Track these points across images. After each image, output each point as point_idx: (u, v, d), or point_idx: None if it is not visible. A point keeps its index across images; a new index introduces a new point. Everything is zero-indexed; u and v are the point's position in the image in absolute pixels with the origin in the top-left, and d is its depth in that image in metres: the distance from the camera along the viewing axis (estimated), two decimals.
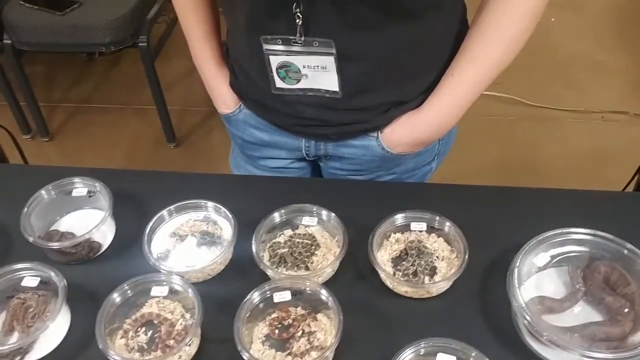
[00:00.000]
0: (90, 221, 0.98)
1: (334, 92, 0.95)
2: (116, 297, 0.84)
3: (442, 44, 0.96)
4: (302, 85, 0.96)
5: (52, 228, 1.01)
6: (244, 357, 0.77)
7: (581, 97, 2.64)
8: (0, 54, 2.38)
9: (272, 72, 0.96)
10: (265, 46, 0.92)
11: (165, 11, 2.43)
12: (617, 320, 0.79)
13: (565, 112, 2.58)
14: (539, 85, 2.67)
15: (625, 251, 0.82)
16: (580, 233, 0.85)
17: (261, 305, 0.84)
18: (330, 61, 0.91)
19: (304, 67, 0.93)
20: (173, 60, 2.85)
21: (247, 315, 0.82)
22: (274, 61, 0.94)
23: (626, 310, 0.79)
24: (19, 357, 0.84)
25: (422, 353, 0.76)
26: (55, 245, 0.94)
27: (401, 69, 0.95)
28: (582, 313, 0.82)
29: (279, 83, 0.97)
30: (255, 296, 0.83)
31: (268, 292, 0.84)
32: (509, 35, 0.91)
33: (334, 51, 0.89)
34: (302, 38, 0.88)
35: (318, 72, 0.93)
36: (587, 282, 0.83)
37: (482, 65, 0.93)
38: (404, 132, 1.00)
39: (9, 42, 2.29)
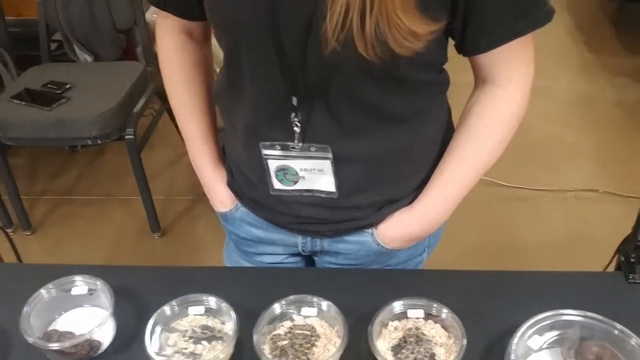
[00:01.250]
0: (90, 319, 0.99)
1: (330, 192, 0.99)
2: None
3: (431, 145, 1.02)
4: (299, 186, 1.00)
5: (50, 327, 1.01)
6: None
7: (554, 176, 2.74)
8: None
9: (270, 175, 1.00)
10: (264, 151, 0.97)
11: (151, 103, 2.50)
12: None
13: (539, 192, 2.67)
14: (512, 166, 2.77)
15: (616, 331, 0.85)
16: (570, 315, 0.88)
17: None
18: (326, 165, 0.95)
19: (301, 170, 0.97)
20: (156, 150, 2.92)
21: None
22: (272, 165, 0.98)
23: None
24: None
25: None
26: (55, 346, 0.94)
27: (394, 169, 1.00)
28: None
29: (277, 185, 1.01)
30: None
31: None
32: (495, 137, 0.97)
33: (330, 155, 0.94)
34: (300, 144, 0.93)
35: (315, 174, 0.97)
36: None
37: (470, 165, 0.99)
38: (398, 229, 1.04)
39: None
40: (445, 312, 0.93)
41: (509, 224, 2.53)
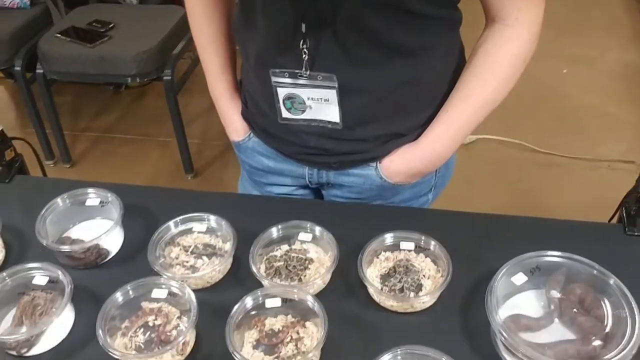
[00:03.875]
0: (100, 230, 1.05)
1: (335, 123, 1.02)
2: (118, 296, 0.90)
3: (440, 82, 1.03)
4: (306, 115, 1.03)
5: (64, 235, 1.08)
6: (235, 357, 0.82)
7: (589, 145, 2.69)
8: (32, 82, 2.52)
9: (279, 103, 1.03)
10: (274, 79, 1.00)
11: (190, 48, 2.55)
12: (588, 339, 0.83)
13: (572, 160, 2.63)
14: (547, 132, 2.73)
15: (595, 272, 0.87)
16: (555, 256, 0.89)
17: (253, 311, 0.89)
18: (332, 94, 0.98)
19: (308, 99, 1.00)
20: (195, 96, 2.98)
21: (240, 318, 0.87)
22: (281, 93, 1.01)
23: (597, 330, 0.83)
24: (25, 349, 0.89)
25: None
26: (65, 248, 1.00)
27: (400, 103, 1.01)
28: (556, 332, 0.86)
29: (285, 113, 1.04)
30: (247, 301, 0.88)
31: (260, 299, 0.89)
32: (500, 76, 0.98)
33: (336, 85, 0.96)
34: (308, 72, 0.96)
35: (321, 104, 1.00)
36: (562, 303, 0.88)
37: (475, 103, 1.00)
38: (401, 163, 1.06)
39: (41, 71, 2.43)
40: (433, 245, 0.95)
41: (538, 189, 2.50)
